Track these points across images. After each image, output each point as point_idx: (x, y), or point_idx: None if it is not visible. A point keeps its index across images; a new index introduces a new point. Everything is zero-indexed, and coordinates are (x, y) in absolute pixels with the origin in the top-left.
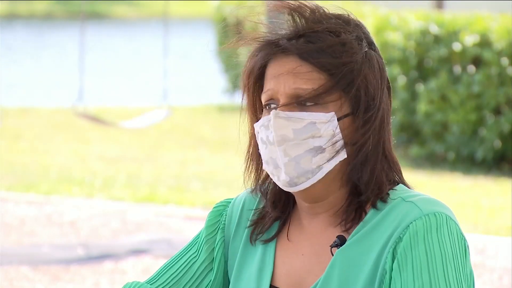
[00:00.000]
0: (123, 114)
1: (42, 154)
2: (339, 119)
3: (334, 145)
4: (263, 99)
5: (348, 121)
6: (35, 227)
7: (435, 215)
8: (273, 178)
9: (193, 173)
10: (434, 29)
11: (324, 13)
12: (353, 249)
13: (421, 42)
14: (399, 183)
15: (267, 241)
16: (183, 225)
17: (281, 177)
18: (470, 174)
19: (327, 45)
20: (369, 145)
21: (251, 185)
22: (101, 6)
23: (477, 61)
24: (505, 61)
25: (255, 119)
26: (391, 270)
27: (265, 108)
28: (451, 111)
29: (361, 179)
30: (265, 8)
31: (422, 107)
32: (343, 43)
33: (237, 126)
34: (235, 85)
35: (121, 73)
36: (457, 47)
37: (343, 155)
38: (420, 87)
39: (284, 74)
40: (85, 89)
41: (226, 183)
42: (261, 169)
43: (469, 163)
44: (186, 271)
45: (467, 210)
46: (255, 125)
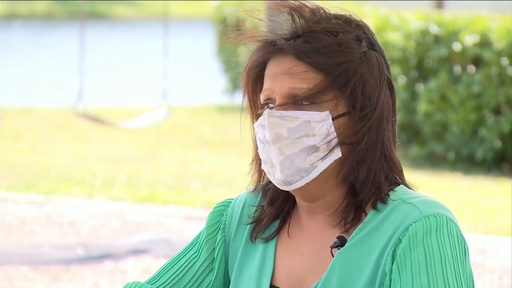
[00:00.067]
0: (123, 114)
1: (42, 154)
2: (334, 118)
3: (328, 143)
4: (262, 99)
5: (343, 120)
6: (35, 227)
7: (435, 216)
8: (270, 177)
9: (193, 173)
10: (434, 29)
11: (324, 13)
12: (353, 251)
13: (421, 42)
14: (400, 184)
15: (267, 240)
16: (183, 225)
17: (276, 175)
18: (470, 174)
19: (323, 45)
20: (365, 144)
21: (253, 185)
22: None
23: (477, 61)
24: (505, 61)
25: (255, 119)
26: (390, 272)
27: (263, 108)
28: (451, 111)
29: (357, 178)
30: (266, 7)
31: (422, 107)
32: (340, 43)
33: (237, 126)
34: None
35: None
36: (457, 47)
37: (338, 153)
38: (420, 87)
39: (280, 74)
40: (85, 89)
41: (226, 183)
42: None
43: (469, 163)
44: (186, 271)
45: (467, 210)
46: (254, 125)
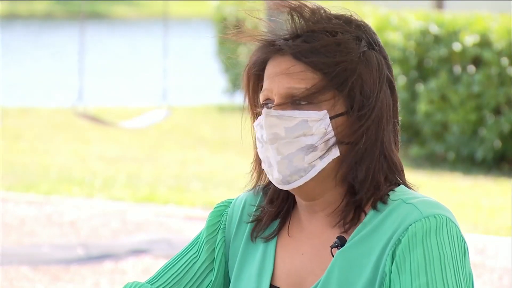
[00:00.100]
0: (123, 114)
1: (42, 154)
2: (332, 118)
3: (326, 143)
4: (261, 99)
5: (342, 120)
6: (35, 227)
7: (435, 217)
8: (268, 176)
9: (193, 173)
10: (434, 29)
11: (325, 13)
12: (353, 251)
13: (421, 42)
14: (400, 184)
15: (268, 239)
16: (183, 225)
17: (274, 175)
18: (470, 174)
19: (321, 45)
20: (364, 144)
21: (254, 184)
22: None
23: (477, 61)
24: (505, 61)
25: (255, 118)
26: (390, 272)
27: (262, 108)
28: (451, 111)
29: (356, 178)
30: (266, 7)
31: (422, 107)
32: (338, 43)
33: (237, 126)
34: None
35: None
36: (457, 47)
37: (336, 153)
38: (420, 87)
39: (278, 74)
40: (85, 89)
41: (226, 183)
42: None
43: (469, 163)
44: (186, 271)
45: (467, 210)
46: (254, 125)
